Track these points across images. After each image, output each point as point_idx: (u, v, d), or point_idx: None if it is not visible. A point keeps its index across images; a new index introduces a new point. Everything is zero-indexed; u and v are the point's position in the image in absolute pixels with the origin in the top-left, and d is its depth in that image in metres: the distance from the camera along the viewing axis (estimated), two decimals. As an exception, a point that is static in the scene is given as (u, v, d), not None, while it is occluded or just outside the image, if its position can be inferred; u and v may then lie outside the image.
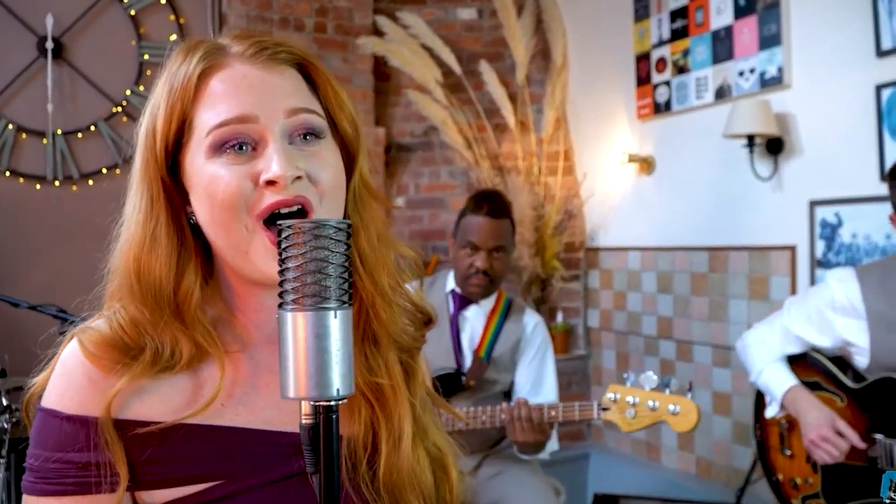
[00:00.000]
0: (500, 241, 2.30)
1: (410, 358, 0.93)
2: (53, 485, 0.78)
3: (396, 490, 0.85)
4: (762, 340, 2.08)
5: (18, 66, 3.57)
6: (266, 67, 0.83)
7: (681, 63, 3.54)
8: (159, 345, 0.80)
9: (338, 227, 0.65)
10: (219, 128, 0.79)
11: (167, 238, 0.81)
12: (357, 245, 0.87)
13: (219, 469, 0.80)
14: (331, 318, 0.64)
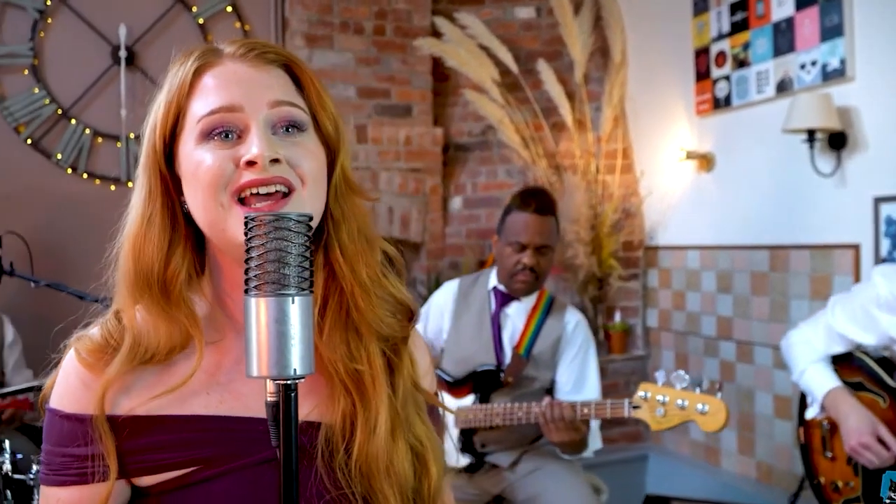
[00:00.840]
0: (546, 238, 2.33)
1: (394, 351, 0.96)
2: (59, 476, 0.87)
3: (370, 476, 0.89)
4: (806, 339, 2.04)
5: (94, 74, 3.80)
6: (254, 65, 0.90)
7: (741, 57, 3.47)
8: (138, 335, 0.87)
9: (297, 220, 0.71)
10: (207, 116, 0.86)
11: (160, 223, 0.89)
12: (338, 237, 0.92)
13: (198, 454, 0.86)
14: (289, 304, 0.70)
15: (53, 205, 3.60)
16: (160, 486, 0.87)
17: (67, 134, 3.78)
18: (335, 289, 0.93)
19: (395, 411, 0.93)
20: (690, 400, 1.78)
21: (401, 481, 0.91)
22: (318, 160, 0.90)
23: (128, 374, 0.86)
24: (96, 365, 0.86)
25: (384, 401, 0.91)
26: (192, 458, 0.86)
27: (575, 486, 2.21)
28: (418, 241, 4.19)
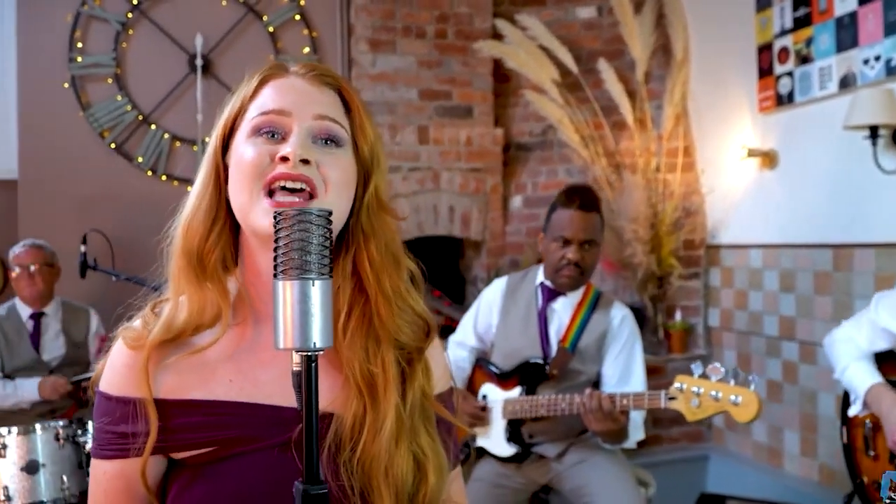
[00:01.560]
0: (590, 234, 2.40)
1: (408, 361, 1.05)
2: (104, 450, 1.01)
3: (370, 475, 0.98)
4: (849, 337, 2.06)
5: (172, 81, 4.06)
6: (311, 83, 1.03)
7: (804, 52, 3.45)
8: (172, 311, 1.00)
9: (318, 214, 0.83)
10: (260, 115, 1.00)
11: (208, 206, 1.02)
12: (367, 249, 1.03)
13: (219, 436, 0.98)
14: (311, 287, 0.82)
15: (134, 205, 3.86)
16: (187, 462, 0.99)
17: (147, 138, 4.05)
18: (361, 297, 1.03)
19: (402, 418, 1.01)
20: (724, 391, 1.83)
21: (398, 484, 0.99)
22: (345, 173, 1.01)
23: (166, 358, 0.99)
24: (139, 347, 1.00)
25: (392, 407, 1.00)
26: (213, 439, 0.98)
27: (620, 478, 2.28)
28: (479, 240, 4.30)
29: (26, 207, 3.87)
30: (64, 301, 3.38)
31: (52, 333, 3.31)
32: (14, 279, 3.27)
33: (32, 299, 3.28)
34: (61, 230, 3.67)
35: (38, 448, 2.51)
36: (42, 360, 3.26)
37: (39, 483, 2.50)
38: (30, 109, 3.91)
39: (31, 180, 3.90)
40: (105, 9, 3.99)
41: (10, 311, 3.30)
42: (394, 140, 4.13)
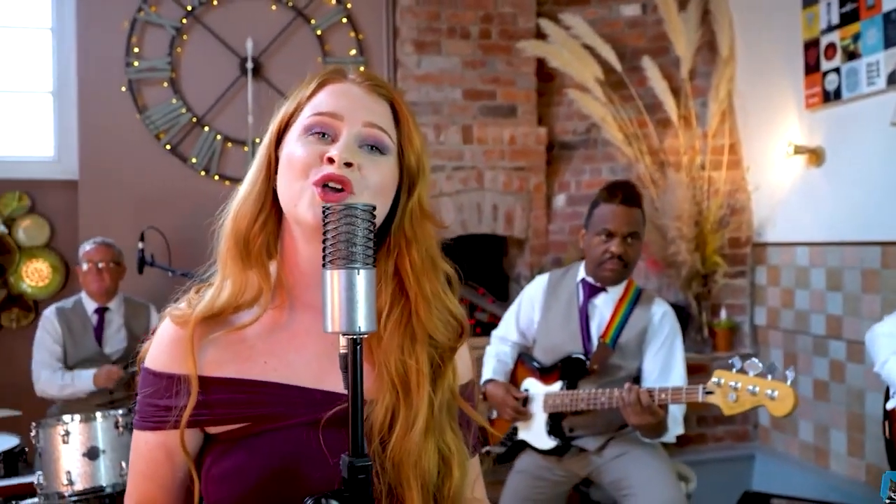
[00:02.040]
0: (633, 227, 2.45)
1: (441, 359, 1.11)
2: (146, 422, 1.09)
3: (400, 467, 1.04)
4: (889, 332, 2.07)
5: (224, 84, 4.21)
6: (366, 91, 1.10)
7: (851, 48, 3.43)
8: (216, 289, 1.09)
9: (363, 209, 0.91)
10: (313, 116, 1.07)
11: (257, 194, 1.10)
12: (409, 253, 1.10)
13: (252, 412, 1.05)
14: (356, 275, 0.90)
15: (188, 203, 4.00)
16: (222, 436, 1.07)
17: (201, 140, 4.20)
18: (401, 297, 1.11)
19: (432, 414, 1.08)
20: (761, 386, 1.86)
21: (425, 477, 1.06)
22: (384, 179, 1.08)
23: (208, 338, 1.07)
24: (184, 325, 1.08)
25: (425, 402, 1.07)
26: (247, 415, 1.06)
27: (660, 472, 2.32)
28: (522, 238, 4.36)
29: (87, 207, 4.06)
30: (126, 297, 3.53)
31: (115, 328, 3.48)
32: (83, 274, 3.43)
33: (99, 294, 3.44)
34: (120, 228, 3.84)
35: (98, 435, 2.65)
36: (104, 353, 3.42)
37: (100, 468, 2.64)
38: (89, 113, 4.10)
39: (91, 181, 4.08)
40: (160, 15, 4.16)
41: (76, 305, 3.47)
42: (438, 139, 4.21)
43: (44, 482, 2.62)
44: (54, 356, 3.39)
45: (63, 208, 4.14)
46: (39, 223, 4.18)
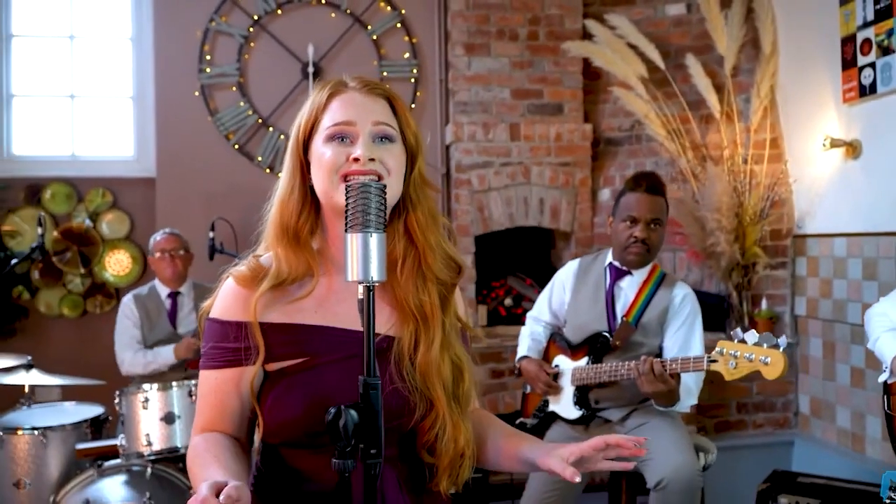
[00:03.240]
0: (656, 214, 2.67)
1: (447, 292, 1.42)
2: (215, 362, 1.37)
3: (426, 376, 1.34)
4: (883, 312, 2.24)
5: (287, 87, 4.58)
6: (367, 95, 1.39)
7: (885, 44, 3.55)
8: (278, 265, 1.36)
9: (376, 186, 1.19)
10: (332, 126, 1.35)
11: (297, 193, 1.38)
12: (415, 214, 1.39)
13: (306, 350, 1.34)
14: (370, 237, 1.17)
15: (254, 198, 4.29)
16: (280, 371, 1.35)
17: (266, 140, 4.58)
18: (411, 249, 1.40)
19: (445, 333, 1.38)
20: (756, 353, 2.06)
21: (445, 381, 1.36)
22: (398, 161, 1.37)
23: (268, 295, 1.35)
24: (249, 285, 1.37)
25: (439, 325, 1.37)
26: (302, 352, 1.34)
27: (676, 440, 2.52)
28: (568, 231, 4.59)
29: (163, 202, 4.48)
30: (195, 282, 3.91)
31: (187, 310, 3.86)
32: (155, 262, 3.82)
33: (171, 280, 3.82)
34: (193, 221, 4.24)
35: (174, 402, 3.02)
36: (178, 333, 3.80)
37: (175, 432, 3.01)
38: (166, 116, 4.52)
39: (167, 178, 4.50)
40: (230, 24, 4.55)
41: (150, 291, 3.86)
42: (487, 137, 4.48)
43: (126, 444, 3.01)
44: (135, 339, 3.78)
45: (142, 203, 4.58)
46: (121, 217, 4.63)
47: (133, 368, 3.69)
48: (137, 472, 2.97)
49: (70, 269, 4.56)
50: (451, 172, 4.60)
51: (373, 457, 1.16)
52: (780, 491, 3.03)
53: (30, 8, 4.70)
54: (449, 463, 1.36)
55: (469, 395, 1.41)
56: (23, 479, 3.01)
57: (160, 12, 4.52)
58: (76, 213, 4.58)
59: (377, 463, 1.16)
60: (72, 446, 3.07)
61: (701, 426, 4.04)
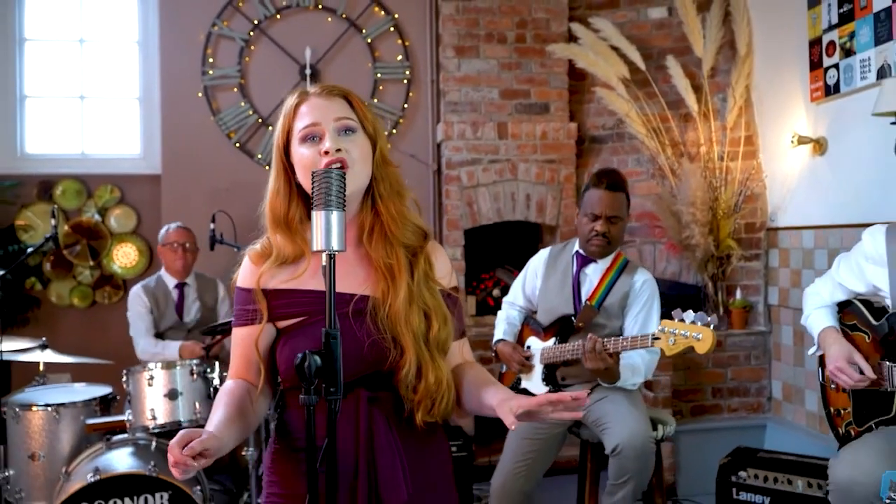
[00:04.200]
0: (616, 210, 2.93)
1: (413, 255, 1.66)
2: (241, 321, 1.65)
3: (396, 324, 1.58)
4: (816, 291, 2.49)
5: (286, 88, 4.84)
6: (326, 98, 1.65)
7: (847, 46, 3.81)
8: (278, 249, 1.64)
9: (336, 173, 1.45)
10: (303, 129, 1.62)
11: (284, 190, 1.65)
12: (378, 189, 1.65)
13: (306, 310, 1.60)
14: (331, 214, 1.44)
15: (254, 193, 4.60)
16: (287, 328, 1.63)
17: (265, 138, 4.86)
18: (378, 219, 1.66)
19: (411, 289, 1.63)
20: (691, 330, 2.31)
21: (414, 329, 1.60)
22: (362, 148, 1.62)
23: (273, 269, 1.64)
24: (258, 261, 1.65)
25: (404, 282, 1.62)
26: (303, 312, 1.62)
27: (632, 412, 2.78)
28: (553, 225, 4.85)
29: (168, 197, 4.77)
30: (198, 273, 4.20)
31: (191, 300, 4.15)
32: (165, 253, 4.11)
33: (179, 272, 4.11)
34: (196, 216, 4.52)
35: (177, 380, 3.29)
36: (183, 321, 4.10)
37: (178, 407, 3.29)
38: (171, 116, 4.81)
39: (172, 175, 4.79)
40: (231, 28, 4.84)
41: (158, 282, 4.15)
42: (476, 135, 4.76)
43: (132, 419, 3.28)
44: (148, 325, 4.06)
45: (148, 199, 4.88)
46: (128, 212, 4.93)
47: (144, 355, 3.97)
48: (143, 445, 3.25)
49: (80, 262, 4.86)
50: (441, 169, 4.87)
51: (332, 394, 1.43)
52: (741, 465, 3.29)
53: (42, 13, 5.01)
54: (423, 397, 1.59)
55: (439, 339, 1.63)
56: (37, 451, 3.29)
57: (165, 17, 4.82)
58: (86, 209, 4.89)
59: (336, 399, 1.43)
60: (82, 422, 3.34)
61: (677, 410, 4.30)
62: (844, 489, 2.02)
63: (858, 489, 1.98)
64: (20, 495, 3.27)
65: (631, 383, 2.83)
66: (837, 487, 2.05)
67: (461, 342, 1.77)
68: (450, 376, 1.65)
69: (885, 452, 2.02)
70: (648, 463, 2.70)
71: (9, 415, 3.30)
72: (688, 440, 4.22)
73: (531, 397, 1.49)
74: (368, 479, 1.57)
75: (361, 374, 1.58)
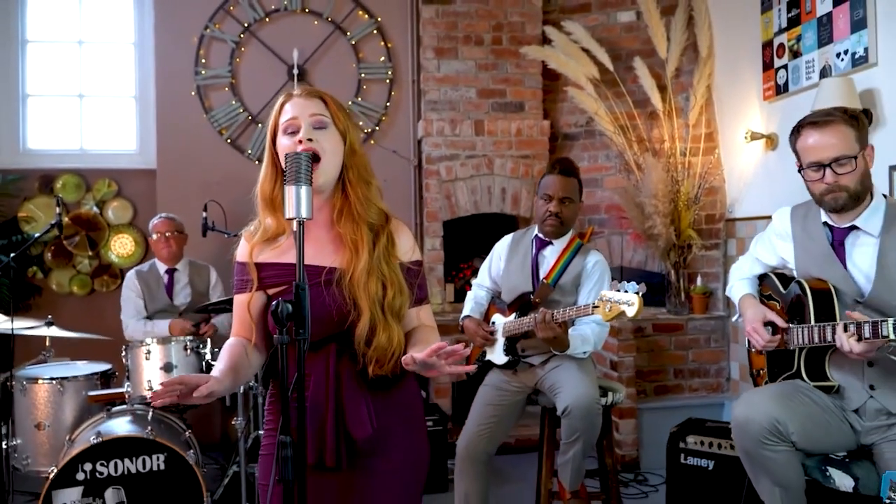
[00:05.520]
0: (568, 192, 3.28)
1: (376, 233, 1.97)
2: (240, 289, 1.99)
3: (356, 289, 1.90)
4: (739, 266, 2.84)
5: (274, 87, 5.21)
6: (306, 98, 1.99)
7: (795, 48, 4.17)
8: (265, 226, 1.98)
9: (304, 156, 1.81)
10: (284, 123, 1.95)
11: (271, 173, 1.98)
12: (348, 176, 1.97)
13: (288, 279, 1.90)
14: (302, 189, 1.79)
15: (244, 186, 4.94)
16: (274, 294, 1.96)
17: (255, 134, 5.22)
18: (347, 201, 1.99)
19: (370, 261, 1.94)
20: (623, 298, 2.65)
21: (371, 295, 1.91)
22: (332, 142, 1.94)
23: (261, 245, 1.97)
24: (250, 239, 1.99)
25: (366, 255, 1.94)
26: (285, 280, 1.94)
27: (581, 378, 3.11)
28: (527, 217, 5.21)
29: (163, 190, 5.12)
30: (190, 260, 4.55)
31: (182, 285, 4.50)
32: (153, 243, 4.46)
33: (167, 259, 4.46)
34: (190, 208, 4.85)
35: (172, 354, 3.65)
36: (174, 304, 4.44)
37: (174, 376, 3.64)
38: (165, 113, 5.16)
39: (166, 169, 5.15)
40: (223, 31, 5.19)
41: (150, 268, 4.50)
42: (454, 132, 5.12)
43: (131, 390, 3.64)
44: (137, 309, 4.42)
45: (144, 192, 5.23)
46: (125, 205, 5.28)
47: (134, 335, 4.32)
48: (140, 415, 3.59)
49: (79, 252, 5.20)
50: (422, 164, 5.23)
51: (300, 335, 1.78)
52: (688, 433, 3.64)
53: (43, 16, 5.36)
54: (375, 353, 1.90)
55: (394, 305, 1.93)
56: (43, 421, 3.64)
57: (160, 20, 5.17)
58: (84, 201, 5.23)
59: (304, 339, 1.77)
60: (84, 394, 3.70)
61: (641, 389, 4.65)
62: (741, 425, 2.37)
63: (752, 425, 2.32)
64: (27, 462, 3.62)
65: (581, 352, 3.18)
66: (736, 424, 2.40)
67: (420, 308, 2.07)
68: (401, 337, 1.95)
69: (776, 395, 2.37)
70: (595, 422, 3.05)
71: (16, 388, 3.65)
72: (650, 418, 4.58)
73: (425, 349, 1.74)
74: (336, 414, 1.90)
75: (331, 334, 1.89)
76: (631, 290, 2.64)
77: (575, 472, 3.14)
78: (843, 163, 2.38)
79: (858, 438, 2.36)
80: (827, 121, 2.42)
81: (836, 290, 2.39)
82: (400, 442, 1.99)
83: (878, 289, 2.33)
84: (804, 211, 2.61)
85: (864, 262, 2.40)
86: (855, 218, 2.43)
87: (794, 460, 2.32)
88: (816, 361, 2.44)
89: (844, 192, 2.39)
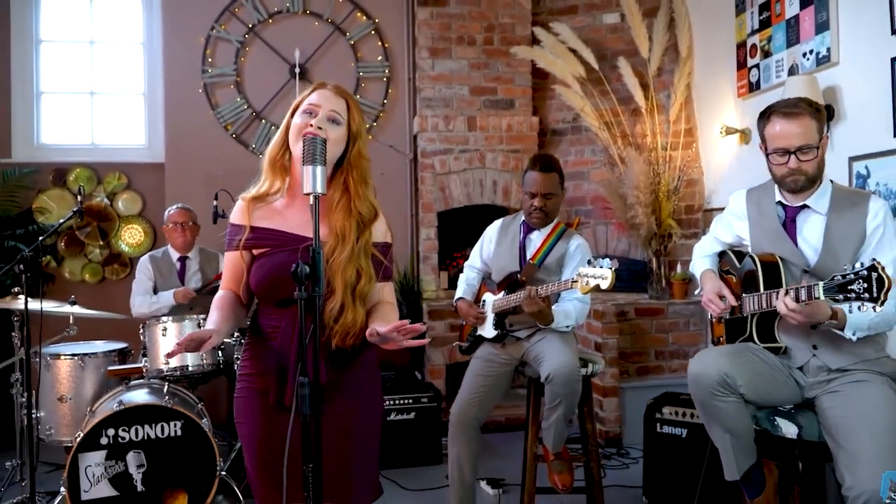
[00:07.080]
0: (549, 188, 3.62)
1: (364, 225, 2.27)
2: (231, 246, 2.29)
3: (336, 273, 2.18)
4: (701, 245, 3.19)
5: (277, 85, 5.55)
6: (334, 93, 2.28)
7: (766, 48, 4.54)
8: (268, 185, 2.31)
9: (320, 140, 2.15)
10: (307, 104, 2.25)
11: (281, 140, 2.28)
12: (351, 174, 2.28)
13: (272, 243, 2.23)
14: (317, 168, 2.13)
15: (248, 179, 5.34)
16: (258, 255, 2.26)
17: (259, 130, 5.56)
18: (345, 196, 2.29)
19: (352, 252, 2.24)
20: (598, 272, 3.01)
21: (346, 280, 2.20)
22: (338, 137, 2.22)
23: (255, 205, 2.30)
24: (246, 201, 2.30)
25: (350, 244, 2.24)
26: (269, 244, 2.25)
27: (563, 349, 3.45)
28: (517, 208, 5.56)
29: (171, 184, 5.45)
30: (201, 248, 4.88)
31: (193, 271, 4.83)
32: (168, 231, 4.80)
33: (181, 247, 4.79)
34: (196, 200, 5.18)
35: (186, 331, 3.98)
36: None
37: (186, 354, 3.97)
38: (173, 110, 5.50)
39: (174, 163, 5.48)
40: (228, 31, 5.53)
41: (164, 254, 4.83)
42: (448, 128, 5.47)
43: (148, 365, 3.98)
44: (146, 289, 4.75)
45: (153, 185, 5.56)
46: (134, 197, 5.61)
47: (141, 309, 4.63)
48: (157, 388, 3.92)
49: (91, 242, 5.54)
50: (417, 158, 5.59)
51: (316, 292, 2.13)
52: (664, 404, 4.00)
53: (56, 17, 5.70)
54: (339, 328, 2.18)
55: (363, 292, 2.22)
56: (65, 394, 3.97)
57: (168, 21, 5.51)
58: (96, 193, 5.56)
59: (319, 295, 2.12)
60: (104, 370, 4.04)
61: (624, 370, 5.01)
62: (695, 378, 2.72)
63: (704, 378, 2.67)
64: (50, 432, 3.95)
65: (564, 325, 3.52)
66: (691, 377, 2.75)
67: (384, 285, 2.35)
68: (363, 318, 2.22)
69: (726, 352, 2.72)
70: (576, 388, 3.39)
71: (41, 364, 3.99)
72: (632, 397, 4.93)
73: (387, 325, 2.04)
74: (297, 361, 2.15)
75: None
76: (605, 265, 2.99)
77: (557, 435, 3.49)
78: (807, 151, 2.69)
79: (803, 392, 2.72)
80: (795, 112, 2.73)
81: (783, 261, 2.74)
82: (357, 393, 2.26)
83: (823, 259, 2.68)
84: (759, 193, 2.97)
85: (813, 237, 2.74)
86: (807, 198, 2.78)
87: (742, 410, 2.68)
88: (766, 326, 2.80)
89: (804, 176, 2.72)
